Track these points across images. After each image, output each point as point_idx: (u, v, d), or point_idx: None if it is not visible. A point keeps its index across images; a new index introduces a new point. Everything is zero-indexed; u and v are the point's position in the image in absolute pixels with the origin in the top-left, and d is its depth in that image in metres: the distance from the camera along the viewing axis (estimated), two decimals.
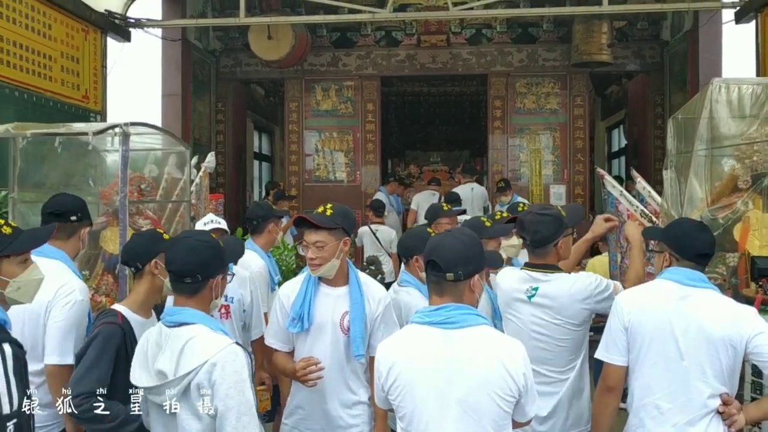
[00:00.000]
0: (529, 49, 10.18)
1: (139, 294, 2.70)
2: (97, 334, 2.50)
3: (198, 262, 2.25)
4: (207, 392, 2.11)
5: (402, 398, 2.14)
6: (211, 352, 2.13)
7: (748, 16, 7.33)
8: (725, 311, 2.46)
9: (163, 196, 5.56)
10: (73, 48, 7.02)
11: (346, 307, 2.90)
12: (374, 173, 10.43)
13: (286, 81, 10.55)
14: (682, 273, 2.55)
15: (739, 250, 3.37)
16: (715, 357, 2.42)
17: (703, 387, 2.43)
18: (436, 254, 2.14)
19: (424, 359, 2.12)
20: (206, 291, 2.29)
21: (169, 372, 2.14)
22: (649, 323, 2.52)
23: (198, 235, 2.40)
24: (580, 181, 10.09)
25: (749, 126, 3.35)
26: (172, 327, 2.23)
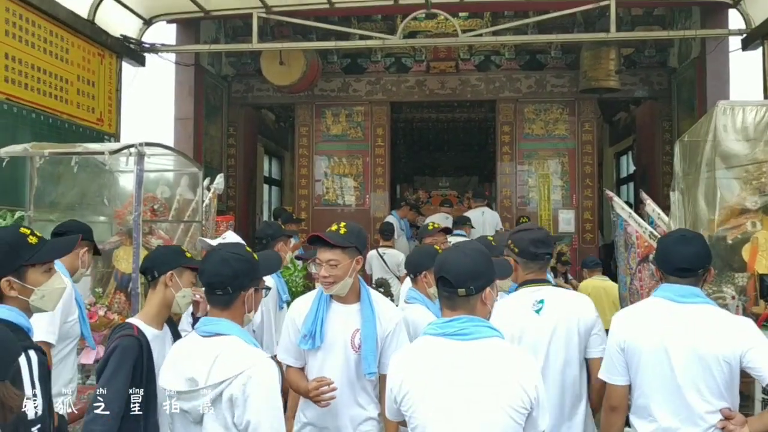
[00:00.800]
0: (537, 75, 10.28)
1: (151, 306, 2.74)
2: (116, 346, 2.53)
3: (228, 274, 2.28)
4: (240, 403, 2.13)
5: (414, 409, 2.14)
6: (247, 364, 2.15)
7: (754, 43, 7.41)
8: (718, 327, 2.46)
9: (175, 216, 5.64)
10: (89, 72, 7.16)
11: (357, 324, 2.91)
12: (383, 198, 10.50)
13: (297, 106, 10.69)
14: (672, 289, 2.56)
15: (748, 270, 3.39)
16: (709, 374, 2.42)
17: (700, 403, 2.44)
18: (446, 270, 2.17)
19: (437, 371, 2.13)
20: (238, 303, 2.32)
21: (201, 379, 2.17)
22: (643, 343, 2.54)
23: (232, 247, 2.43)
24: (589, 206, 10.11)
25: (754, 147, 3.39)
26: (206, 336, 2.26)
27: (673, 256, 2.55)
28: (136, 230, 4.43)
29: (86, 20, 6.99)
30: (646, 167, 10.74)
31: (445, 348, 2.15)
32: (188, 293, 2.79)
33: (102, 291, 4.75)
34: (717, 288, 3.42)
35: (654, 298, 2.62)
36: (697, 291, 2.54)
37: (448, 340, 2.15)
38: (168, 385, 2.26)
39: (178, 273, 2.73)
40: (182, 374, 2.22)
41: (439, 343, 2.16)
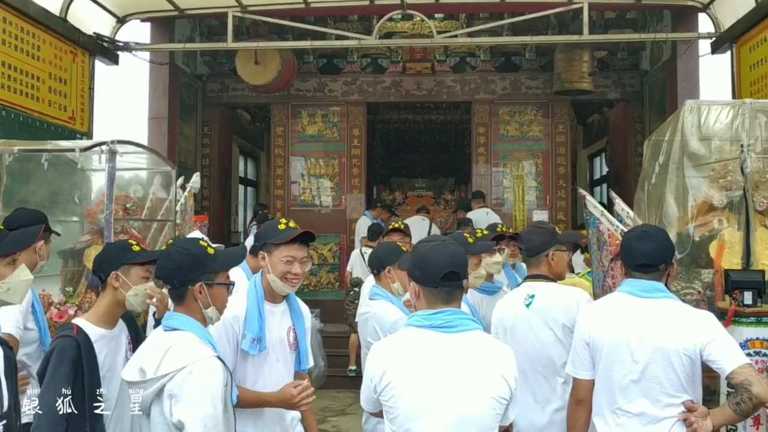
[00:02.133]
0: (512, 77, 10.37)
1: (100, 306, 2.64)
2: (52, 349, 2.45)
3: (172, 268, 2.29)
4: (176, 399, 2.10)
5: (396, 400, 2.13)
6: (190, 360, 2.13)
7: (723, 47, 7.56)
8: (679, 321, 2.49)
9: (148, 215, 5.59)
10: (61, 69, 7.08)
11: (289, 322, 2.90)
12: (359, 198, 10.50)
13: (273, 106, 10.65)
14: (635, 285, 2.59)
15: (715, 267, 3.45)
16: (670, 367, 2.45)
17: (661, 396, 2.47)
18: (455, 265, 2.18)
19: (422, 361, 2.14)
20: (189, 298, 2.30)
21: (150, 371, 2.17)
22: (607, 337, 2.57)
23: (181, 242, 2.45)
24: (563, 206, 10.22)
25: (720, 146, 3.46)
26: (167, 330, 2.28)
27: (634, 252, 2.59)
28: (108, 229, 4.39)
29: (58, 17, 6.91)
30: (618, 168, 10.88)
31: (431, 340, 2.15)
32: (140, 290, 2.64)
33: (73, 290, 4.68)
34: (687, 284, 3.49)
35: (618, 293, 2.66)
36: (660, 286, 2.57)
37: (434, 332, 2.15)
38: (124, 376, 2.28)
39: (124, 271, 2.60)
40: (137, 366, 2.23)
41: (424, 334, 2.17)
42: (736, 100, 3.78)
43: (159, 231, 5.65)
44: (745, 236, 3.13)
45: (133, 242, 2.72)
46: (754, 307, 2.81)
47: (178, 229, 5.55)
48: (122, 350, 2.68)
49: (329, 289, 10.22)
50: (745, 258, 3.12)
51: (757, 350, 2.77)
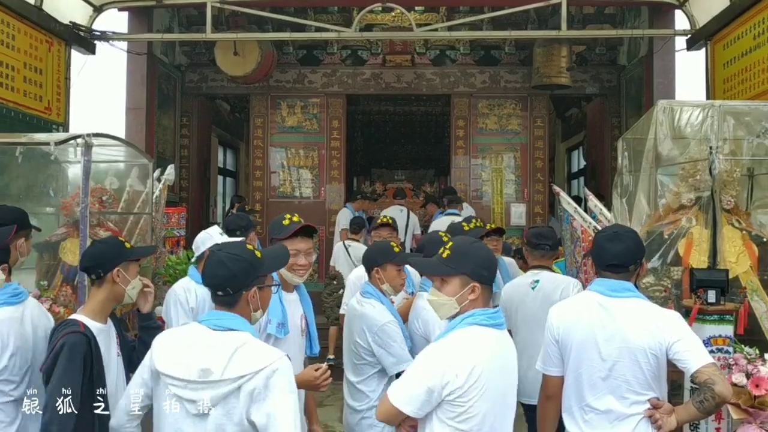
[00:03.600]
0: (491, 70, 10.42)
1: (96, 302, 2.73)
2: (63, 344, 2.50)
3: (225, 276, 2.24)
4: (261, 397, 2.09)
5: (479, 399, 2.22)
6: (272, 359, 2.13)
7: (698, 44, 7.66)
8: (646, 320, 2.56)
9: (124, 208, 5.56)
10: (37, 59, 6.98)
11: (300, 310, 3.13)
12: (339, 190, 10.51)
13: (252, 97, 10.61)
14: (604, 284, 2.66)
15: (683, 264, 3.53)
16: (637, 365, 2.53)
17: (627, 394, 2.55)
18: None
19: (497, 358, 2.30)
20: (242, 303, 2.28)
21: (217, 371, 2.11)
22: (576, 335, 2.64)
23: (229, 247, 2.37)
24: (540, 200, 10.32)
25: (691, 146, 3.53)
26: (218, 330, 2.22)
27: (605, 253, 2.65)
28: (83, 222, 4.36)
29: (33, 6, 6.81)
30: (595, 162, 11.01)
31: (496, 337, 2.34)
32: (137, 283, 2.82)
33: (48, 284, 4.66)
34: (656, 281, 3.56)
35: (587, 292, 2.73)
36: (628, 285, 2.64)
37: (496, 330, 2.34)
38: (172, 372, 2.17)
39: (123, 267, 2.74)
40: (192, 363, 2.15)
41: (492, 333, 2.33)
42: (707, 102, 3.85)
43: (135, 224, 5.63)
44: (712, 235, 3.21)
45: (122, 239, 2.86)
46: (717, 306, 2.89)
47: (153, 222, 5.53)
48: (113, 344, 2.77)
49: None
50: (711, 257, 3.20)
51: (719, 347, 2.85)
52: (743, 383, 2.63)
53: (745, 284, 3.41)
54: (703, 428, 2.89)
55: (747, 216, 3.75)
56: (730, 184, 3.57)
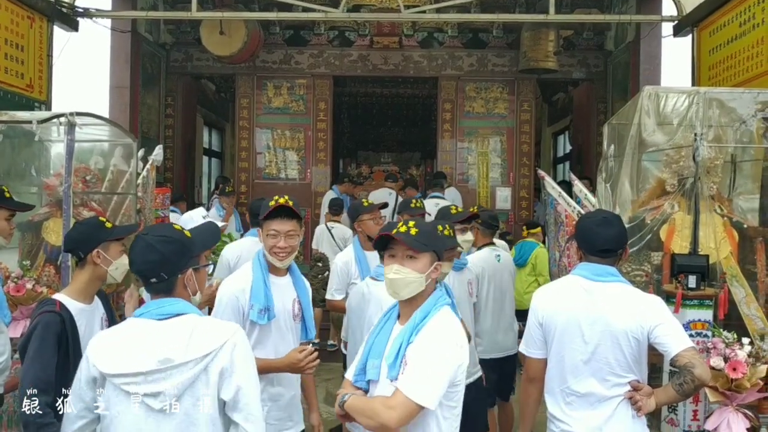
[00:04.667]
0: (479, 53, 10.40)
1: (79, 282, 2.74)
2: (36, 324, 2.51)
3: (158, 260, 2.11)
4: (229, 372, 2.02)
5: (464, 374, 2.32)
6: (228, 333, 2.06)
7: (685, 30, 7.69)
8: (628, 305, 2.60)
9: (108, 188, 5.50)
10: (18, 36, 6.87)
11: (294, 294, 3.06)
12: (325, 172, 10.49)
13: (238, 77, 10.52)
14: (588, 268, 2.68)
15: (665, 250, 3.57)
16: (618, 348, 2.57)
17: (609, 376, 2.59)
18: None
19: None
20: (179, 288, 2.16)
21: (178, 356, 2.01)
22: (560, 318, 2.68)
23: (156, 230, 2.23)
24: (525, 184, 10.36)
25: (675, 133, 3.56)
26: (165, 318, 2.09)
27: (595, 238, 2.67)
28: (66, 202, 4.32)
29: None
30: (581, 147, 11.05)
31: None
32: (120, 264, 2.78)
33: (30, 264, 4.63)
34: (637, 266, 3.60)
35: (571, 276, 2.75)
36: (613, 270, 2.67)
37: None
38: (123, 369, 2.03)
39: (104, 248, 2.72)
40: (146, 356, 2.02)
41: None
42: (692, 88, 3.87)
43: (120, 204, 5.58)
44: (693, 221, 3.25)
45: (103, 219, 2.82)
46: (697, 291, 2.94)
47: (139, 202, 5.50)
48: (97, 325, 2.76)
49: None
50: (692, 242, 3.24)
51: (699, 331, 2.90)
52: (721, 367, 2.68)
53: (726, 270, 3.46)
54: (681, 411, 2.94)
55: (729, 202, 3.79)
56: (713, 171, 3.60)
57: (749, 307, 3.40)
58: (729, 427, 2.68)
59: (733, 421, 2.68)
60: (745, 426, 2.70)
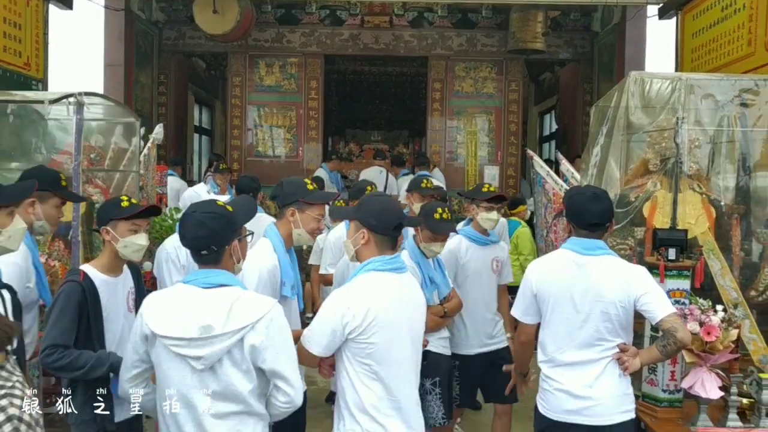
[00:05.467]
0: (468, 34, 10.55)
1: (103, 256, 2.88)
2: (60, 292, 2.67)
3: (208, 235, 2.30)
4: (265, 345, 2.22)
5: (378, 335, 2.48)
6: (266, 309, 2.26)
7: (669, 13, 7.89)
8: (617, 276, 2.83)
9: (110, 165, 5.66)
10: (15, 14, 6.93)
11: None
12: (316, 150, 10.65)
13: (230, 55, 10.60)
14: (579, 243, 2.89)
15: (647, 225, 3.81)
16: (607, 317, 2.81)
17: (599, 341, 2.84)
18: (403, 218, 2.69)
19: (394, 300, 2.56)
20: (226, 257, 2.36)
21: (218, 326, 2.21)
22: (553, 289, 2.91)
23: (203, 207, 2.42)
24: (513, 162, 10.60)
25: (658, 115, 3.78)
26: (208, 288, 2.29)
27: (587, 213, 2.86)
28: (76, 179, 4.48)
29: None
30: (567, 126, 11.29)
31: (394, 280, 2.59)
32: (130, 242, 2.82)
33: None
34: (621, 240, 3.85)
35: (562, 249, 2.98)
36: (601, 243, 2.88)
37: (393, 274, 2.58)
38: (171, 332, 2.24)
39: (112, 226, 2.81)
40: (190, 322, 2.23)
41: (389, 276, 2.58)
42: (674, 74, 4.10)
43: (122, 181, 5.74)
44: (673, 199, 3.49)
45: (124, 198, 2.89)
46: (677, 262, 3.19)
47: (141, 179, 5.66)
48: (121, 297, 2.88)
49: None
50: (672, 218, 3.48)
51: (677, 299, 3.14)
52: (696, 331, 2.92)
53: (703, 244, 3.72)
54: (660, 372, 3.20)
55: (707, 181, 4.03)
56: (693, 152, 3.84)
57: (724, 279, 3.67)
58: (703, 386, 2.94)
59: (707, 380, 2.94)
60: (717, 385, 2.96)
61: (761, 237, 3.79)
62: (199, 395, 2.23)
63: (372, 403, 2.48)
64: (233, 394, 2.24)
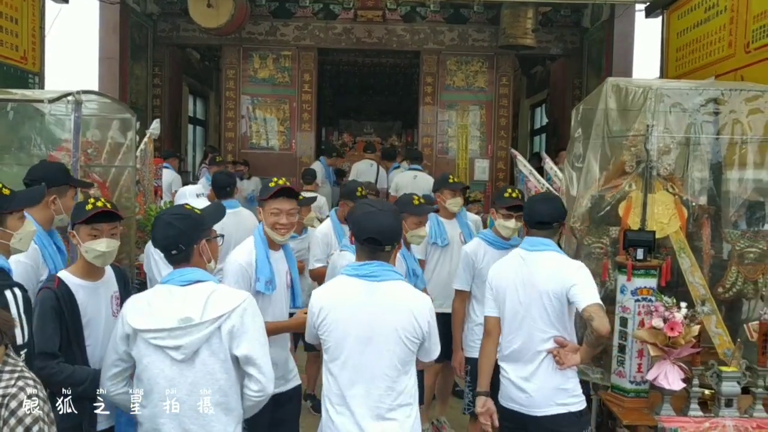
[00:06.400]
0: (460, 28, 10.69)
1: (80, 260, 2.86)
2: (36, 301, 2.70)
3: (176, 234, 2.50)
4: (239, 333, 2.42)
5: (329, 333, 2.66)
6: (240, 300, 2.47)
7: (656, 12, 8.06)
8: (552, 269, 3.06)
9: (106, 160, 5.79)
10: (12, 8, 7.04)
11: (285, 267, 3.42)
12: (309, 141, 10.81)
13: (224, 48, 10.72)
14: (528, 241, 3.19)
15: (622, 225, 3.99)
16: (542, 307, 3.05)
17: (536, 332, 3.08)
18: (377, 233, 2.64)
19: (349, 303, 2.66)
20: (196, 256, 2.54)
21: (196, 316, 2.40)
22: (501, 283, 3.19)
23: (171, 210, 2.66)
24: (502, 156, 10.77)
25: (634, 119, 3.95)
26: (186, 285, 2.48)
27: (534, 213, 3.18)
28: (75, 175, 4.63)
29: None
30: (557, 120, 11.45)
31: (358, 286, 2.66)
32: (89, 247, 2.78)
33: None
34: (596, 239, 4.03)
35: (516, 249, 3.27)
36: (547, 241, 3.14)
37: (361, 280, 2.66)
38: (151, 325, 2.42)
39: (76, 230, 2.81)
40: (170, 315, 2.41)
41: (353, 282, 2.68)
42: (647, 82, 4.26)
43: (119, 175, 5.88)
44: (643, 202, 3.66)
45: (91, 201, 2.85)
46: (644, 262, 3.37)
47: (138, 174, 5.80)
48: (103, 301, 2.88)
49: None
50: (642, 220, 3.66)
51: (644, 297, 3.33)
52: (661, 326, 3.11)
53: (674, 242, 3.90)
54: (627, 364, 3.39)
55: (681, 182, 4.21)
56: (666, 154, 4.01)
57: (693, 276, 3.85)
58: (666, 378, 3.13)
59: (670, 372, 3.13)
60: (680, 377, 3.15)
61: (729, 237, 3.97)
62: (177, 386, 2.42)
63: (327, 394, 2.69)
64: (211, 383, 2.42)
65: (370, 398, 2.60)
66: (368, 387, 2.61)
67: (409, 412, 2.66)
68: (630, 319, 3.37)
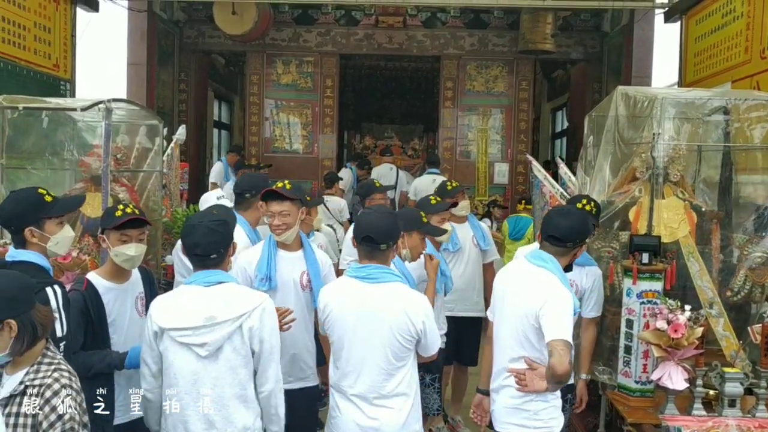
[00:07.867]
0: (480, 34, 10.79)
1: (108, 263, 3.06)
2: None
3: (219, 241, 2.68)
4: (258, 331, 2.63)
5: (332, 329, 2.93)
6: (259, 300, 2.70)
7: (674, 17, 8.08)
8: (530, 288, 2.88)
9: (135, 165, 6.02)
10: (45, 18, 7.32)
11: (303, 267, 3.53)
12: (331, 145, 11.00)
13: (248, 54, 10.94)
14: (533, 253, 2.99)
15: (632, 229, 4.09)
16: (513, 327, 2.93)
17: (507, 351, 2.97)
18: (371, 231, 2.87)
19: (349, 303, 2.89)
20: (226, 260, 2.79)
21: (219, 315, 2.60)
22: (498, 294, 3.13)
23: (208, 216, 2.78)
24: (522, 160, 10.79)
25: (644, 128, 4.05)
26: (210, 285, 2.65)
27: (549, 224, 2.94)
28: (105, 180, 4.84)
29: None
30: (577, 124, 11.47)
31: (357, 287, 2.89)
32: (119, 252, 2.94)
33: None
34: (606, 243, 4.13)
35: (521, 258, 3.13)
36: (547, 257, 2.90)
37: (360, 282, 2.89)
38: (177, 324, 2.60)
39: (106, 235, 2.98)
40: (195, 314, 2.59)
41: (353, 282, 2.91)
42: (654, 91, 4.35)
43: (146, 180, 6.10)
44: (650, 206, 3.77)
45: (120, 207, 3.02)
46: (649, 266, 3.47)
47: (165, 178, 6.01)
48: (129, 302, 3.06)
49: None
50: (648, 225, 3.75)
51: (649, 299, 3.44)
52: (665, 328, 3.22)
53: (684, 247, 3.99)
54: (633, 365, 3.50)
55: (692, 188, 4.30)
56: (676, 160, 4.10)
57: (702, 280, 3.94)
58: (670, 378, 3.23)
59: (674, 373, 3.23)
60: (684, 377, 3.25)
61: (738, 242, 4.05)
62: (202, 380, 2.60)
63: (333, 383, 2.96)
64: (232, 377, 2.62)
65: (368, 387, 2.84)
66: (366, 378, 2.84)
67: (404, 401, 2.87)
68: (635, 321, 3.48)
